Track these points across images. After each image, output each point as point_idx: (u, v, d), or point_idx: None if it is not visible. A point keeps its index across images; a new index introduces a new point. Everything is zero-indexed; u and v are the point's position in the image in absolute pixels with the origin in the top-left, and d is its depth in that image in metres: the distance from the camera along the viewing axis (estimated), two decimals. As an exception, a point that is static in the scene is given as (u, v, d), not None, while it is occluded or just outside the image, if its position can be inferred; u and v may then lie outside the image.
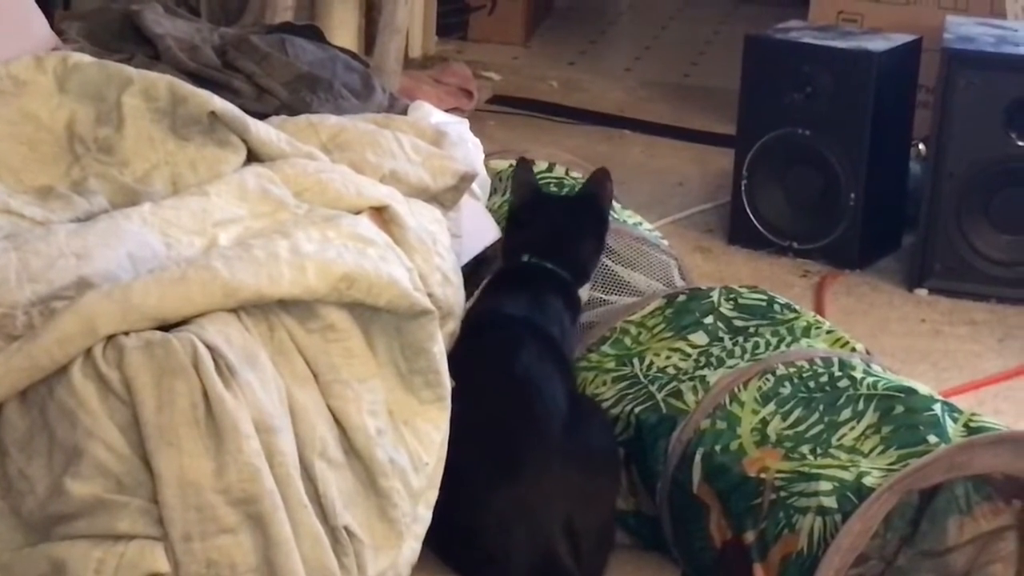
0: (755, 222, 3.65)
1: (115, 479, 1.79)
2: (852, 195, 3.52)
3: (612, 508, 2.30)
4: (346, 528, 1.94)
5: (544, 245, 2.49)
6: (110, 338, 1.82)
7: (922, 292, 3.47)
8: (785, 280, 3.48)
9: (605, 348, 2.52)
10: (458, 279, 2.29)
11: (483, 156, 2.64)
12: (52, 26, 2.69)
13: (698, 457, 2.25)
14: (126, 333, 1.83)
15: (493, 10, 5.48)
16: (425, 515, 2.09)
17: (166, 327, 1.86)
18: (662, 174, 4.19)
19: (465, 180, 2.42)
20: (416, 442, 2.08)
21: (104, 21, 2.78)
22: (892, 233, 3.72)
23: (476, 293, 2.40)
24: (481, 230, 2.57)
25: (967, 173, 3.39)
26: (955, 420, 2.20)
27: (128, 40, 2.71)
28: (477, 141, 2.64)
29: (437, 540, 2.16)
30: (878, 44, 3.59)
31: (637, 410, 2.37)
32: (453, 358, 2.19)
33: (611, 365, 2.48)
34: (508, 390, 2.26)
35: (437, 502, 2.11)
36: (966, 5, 4.19)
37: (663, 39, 5.93)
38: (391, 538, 2.02)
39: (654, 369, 2.43)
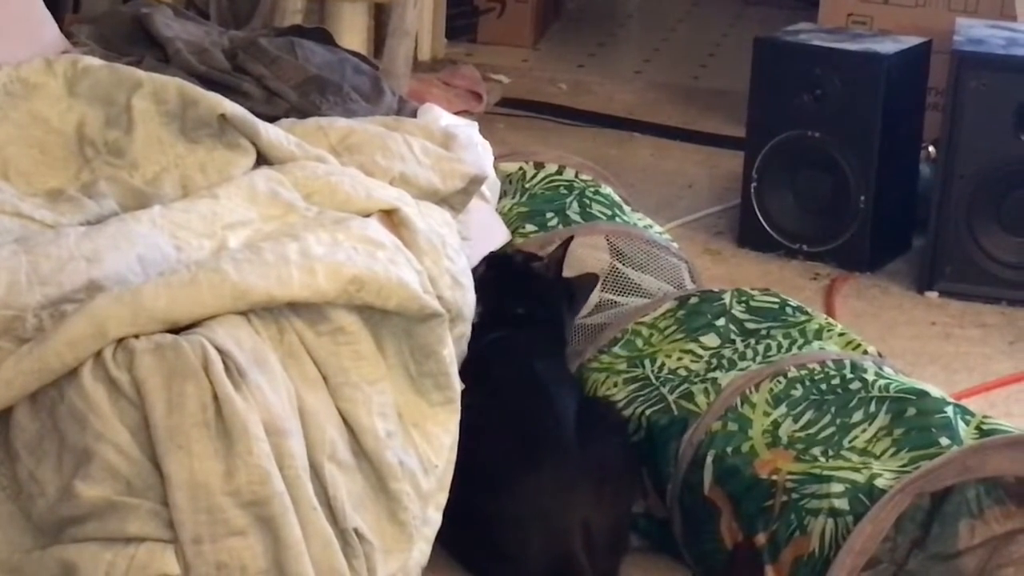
0: (765, 225, 3.64)
1: (125, 481, 1.79)
2: (862, 197, 3.52)
3: (627, 510, 2.30)
4: (356, 530, 1.94)
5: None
6: (120, 341, 1.82)
7: (932, 295, 3.46)
8: (795, 283, 3.48)
9: (616, 349, 2.51)
10: (468, 281, 2.28)
11: (492, 159, 2.63)
12: (62, 29, 2.69)
13: (709, 459, 2.24)
14: (136, 336, 1.83)
15: (502, 13, 5.48)
16: (435, 517, 2.09)
17: (176, 330, 1.86)
18: (671, 176, 4.18)
19: (474, 183, 2.41)
20: (426, 444, 2.08)
21: (114, 24, 2.77)
22: (902, 235, 3.71)
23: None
24: (491, 232, 2.57)
25: (977, 175, 3.38)
26: (967, 423, 2.20)
27: (138, 43, 2.71)
28: (486, 143, 2.63)
29: (450, 539, 2.16)
30: (888, 46, 3.58)
31: (648, 412, 2.36)
32: (467, 363, 2.20)
33: (622, 367, 2.47)
34: (525, 391, 2.27)
35: (453, 500, 2.10)
36: (976, 7, 4.18)
37: (672, 42, 5.92)
38: (401, 541, 2.02)
39: (665, 371, 2.43)
